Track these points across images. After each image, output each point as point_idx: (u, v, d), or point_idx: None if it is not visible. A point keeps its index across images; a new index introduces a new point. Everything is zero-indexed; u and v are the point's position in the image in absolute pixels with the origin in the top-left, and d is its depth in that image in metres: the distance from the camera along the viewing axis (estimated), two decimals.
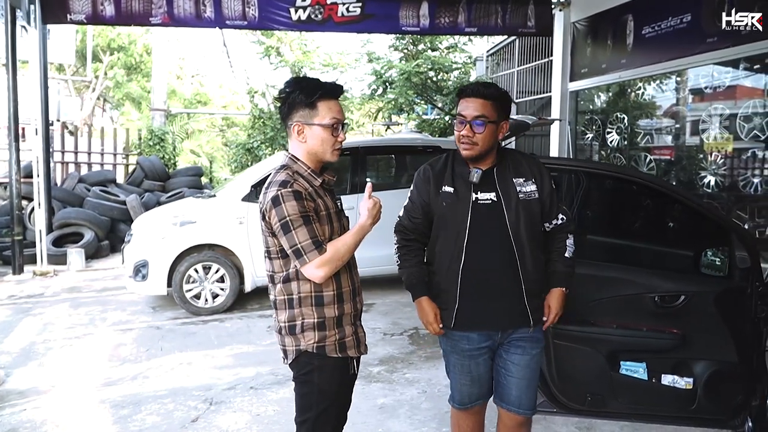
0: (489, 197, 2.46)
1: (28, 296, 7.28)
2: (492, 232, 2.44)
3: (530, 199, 2.47)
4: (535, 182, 2.49)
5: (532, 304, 2.49)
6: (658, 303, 2.85)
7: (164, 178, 12.24)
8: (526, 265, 2.45)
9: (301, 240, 2.14)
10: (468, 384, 2.61)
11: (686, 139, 7.39)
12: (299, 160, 2.29)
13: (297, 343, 2.27)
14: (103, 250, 9.78)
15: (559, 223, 2.57)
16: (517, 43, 12.44)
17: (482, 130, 2.41)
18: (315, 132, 2.25)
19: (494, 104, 2.45)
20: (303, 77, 2.38)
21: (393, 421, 3.80)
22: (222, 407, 4.06)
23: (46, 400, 4.24)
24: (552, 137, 9.84)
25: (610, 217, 3.61)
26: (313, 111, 2.24)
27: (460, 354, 2.58)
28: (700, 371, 2.89)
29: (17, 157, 8.53)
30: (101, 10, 8.20)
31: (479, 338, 2.54)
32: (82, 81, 20.00)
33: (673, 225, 3.43)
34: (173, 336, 5.65)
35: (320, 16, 8.77)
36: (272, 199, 2.17)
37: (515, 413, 2.59)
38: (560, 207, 2.58)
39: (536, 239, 2.50)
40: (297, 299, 2.25)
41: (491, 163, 2.51)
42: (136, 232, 6.54)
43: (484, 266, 2.45)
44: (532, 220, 2.47)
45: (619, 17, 8.23)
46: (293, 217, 2.14)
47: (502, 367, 2.60)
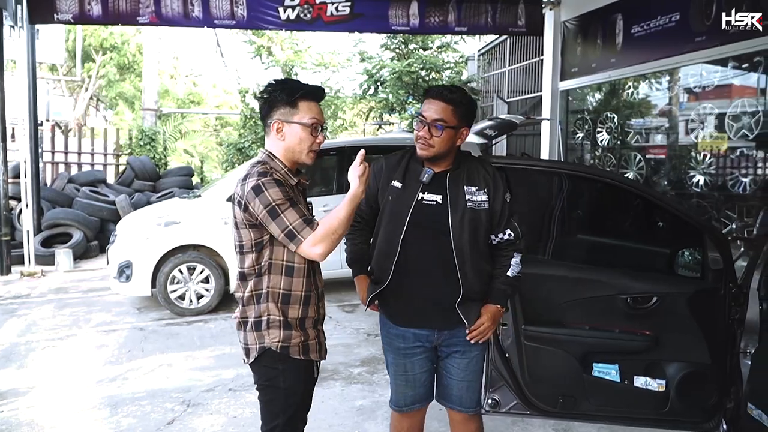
0: (435, 199, 2.46)
1: (14, 297, 7.25)
2: (431, 234, 2.44)
3: (478, 209, 2.45)
4: (487, 193, 2.47)
5: (464, 307, 2.46)
6: (631, 304, 2.83)
7: (155, 178, 12.21)
8: (465, 272, 2.43)
9: (292, 221, 2.12)
10: (403, 384, 2.62)
11: (676, 139, 7.38)
12: (276, 157, 2.27)
13: (261, 341, 2.23)
14: (92, 251, 9.74)
15: (506, 238, 2.52)
16: (508, 42, 12.42)
17: (440, 134, 2.40)
18: (294, 130, 2.24)
19: (456, 110, 2.43)
20: (286, 79, 2.40)
21: (370, 423, 3.78)
22: (199, 409, 4.03)
23: (24, 401, 4.20)
24: (543, 137, 9.83)
25: (585, 218, 3.59)
26: (294, 109, 2.24)
27: (395, 353, 2.60)
28: (672, 373, 2.87)
29: (5, 157, 8.48)
30: (88, 9, 8.15)
31: (414, 337, 2.55)
32: (74, 81, 19.94)
33: (646, 226, 3.40)
34: (156, 337, 5.62)
35: (309, 15, 8.73)
36: (253, 188, 2.14)
37: (458, 411, 2.62)
38: (511, 223, 2.53)
39: (479, 248, 2.48)
40: (264, 294, 2.23)
41: (446, 167, 2.50)
42: (121, 233, 6.50)
43: (418, 265, 2.46)
44: (477, 228, 2.45)
45: (608, 16, 8.22)
46: (279, 202, 2.12)
47: (443, 369, 2.63)
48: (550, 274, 2.93)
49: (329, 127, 16.24)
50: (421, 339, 2.55)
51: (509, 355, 2.90)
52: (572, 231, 3.61)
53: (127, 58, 20.05)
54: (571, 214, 3.55)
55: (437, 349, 2.59)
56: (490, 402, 2.98)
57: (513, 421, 3.70)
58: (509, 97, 12.34)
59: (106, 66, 20.22)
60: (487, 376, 2.96)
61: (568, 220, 3.54)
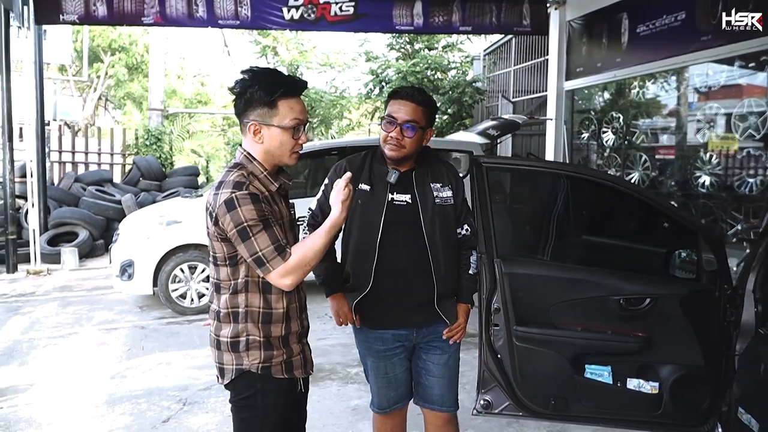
0: (405, 199, 2.48)
1: (20, 295, 7.30)
2: (406, 233, 2.47)
3: (446, 204, 2.52)
4: (451, 188, 2.54)
5: (443, 304, 2.52)
6: (624, 306, 2.80)
7: (161, 177, 12.29)
8: (439, 268, 2.48)
9: (262, 247, 1.92)
10: (385, 386, 2.63)
11: (682, 139, 7.32)
12: (255, 159, 2.06)
13: (239, 362, 2.04)
14: (98, 250, 9.80)
15: (463, 233, 2.60)
16: (513, 41, 12.38)
17: (412, 135, 2.43)
18: (273, 133, 2.02)
19: (425, 111, 2.47)
20: (262, 69, 2.09)
21: (364, 423, 3.77)
22: (195, 408, 4.04)
23: (23, 399, 4.23)
24: (548, 137, 9.77)
25: (578, 219, 3.57)
26: (273, 110, 2.01)
27: (375, 356, 2.60)
28: (666, 375, 2.83)
29: (11, 156, 8.57)
30: (93, 10, 8.19)
31: (393, 338, 2.56)
32: (82, 81, 20.07)
33: (640, 226, 3.38)
34: (156, 336, 5.64)
35: (313, 15, 8.74)
36: (226, 202, 1.93)
37: (439, 411, 2.62)
38: (468, 218, 2.62)
39: (451, 244, 2.54)
40: (243, 313, 2.03)
41: (410, 166, 2.52)
42: (123, 232, 6.54)
43: (396, 265, 2.47)
44: (447, 224, 2.52)
45: (613, 15, 8.16)
46: (251, 223, 1.92)
47: (422, 368, 2.63)
48: (542, 275, 2.90)
49: (335, 127, 16.25)
50: (401, 339, 2.57)
51: (501, 356, 2.87)
52: (568, 232, 3.59)
53: (135, 59, 20.15)
54: (567, 215, 3.53)
55: (415, 347, 2.60)
56: (483, 403, 2.95)
57: (508, 422, 3.69)
58: (514, 97, 12.29)
59: (115, 66, 20.33)
60: (479, 377, 2.95)
61: (564, 220, 3.52)
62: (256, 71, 2.05)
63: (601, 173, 5.31)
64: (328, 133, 15.82)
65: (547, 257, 3.33)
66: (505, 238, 3.69)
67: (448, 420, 2.65)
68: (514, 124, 8.35)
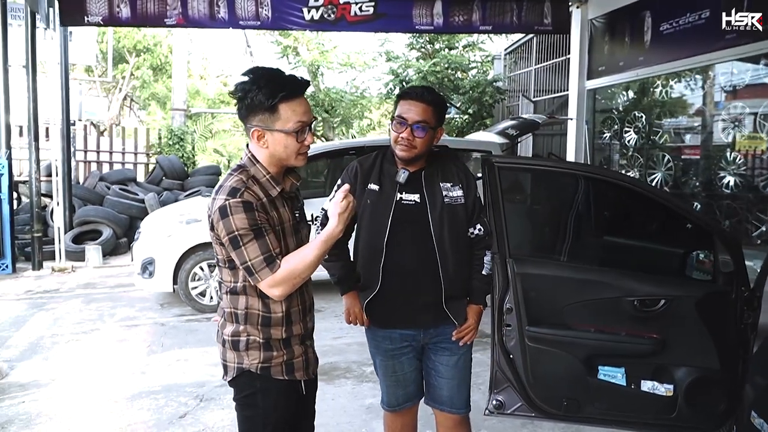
0: (413, 199, 2.47)
1: (44, 291, 7.44)
2: (414, 233, 2.46)
3: (455, 204, 2.50)
4: (461, 187, 2.52)
5: (451, 305, 2.51)
6: (638, 307, 2.77)
7: (183, 177, 12.43)
8: (447, 268, 2.46)
9: (252, 257, 1.93)
10: (394, 385, 2.63)
11: (706, 138, 7.22)
12: (258, 162, 2.04)
13: (240, 361, 2.06)
14: (121, 248, 9.95)
15: (476, 233, 2.58)
16: (534, 40, 12.29)
17: (423, 135, 2.42)
18: (277, 138, 1.99)
19: (434, 110, 2.47)
20: (262, 70, 2.04)
21: (377, 422, 3.76)
22: (211, 404, 4.09)
23: (44, 393, 4.32)
24: (569, 137, 9.70)
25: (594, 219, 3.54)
26: (275, 115, 1.97)
27: (383, 355, 2.61)
28: (681, 378, 2.80)
29: (37, 156, 8.73)
30: (117, 11, 8.32)
31: (401, 337, 2.57)
32: (107, 82, 20.39)
33: (657, 227, 3.34)
34: (176, 332, 5.72)
35: (333, 15, 8.77)
36: (220, 209, 1.93)
37: (449, 413, 2.62)
38: (481, 218, 2.60)
39: (460, 244, 2.52)
40: (243, 315, 2.04)
41: (420, 166, 2.52)
42: (144, 230, 6.63)
43: (404, 266, 2.47)
44: (457, 224, 2.50)
45: (636, 14, 8.07)
46: (242, 232, 1.92)
47: (431, 368, 2.63)
48: (554, 275, 2.88)
49: (356, 126, 16.28)
50: (408, 339, 2.57)
51: (513, 356, 2.86)
52: (584, 232, 3.56)
53: (160, 60, 20.41)
54: (583, 215, 3.50)
55: (424, 348, 2.60)
56: (495, 403, 2.95)
57: (522, 423, 3.68)
58: (535, 97, 12.21)
59: (141, 68, 20.61)
60: (491, 377, 2.95)
61: (580, 221, 3.49)
62: (256, 73, 2.01)
63: (616, 173, 5.25)
64: (349, 132, 15.88)
65: (564, 258, 3.31)
66: (525, 239, 3.69)
67: (459, 422, 2.65)
68: (533, 124, 8.30)
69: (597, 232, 3.59)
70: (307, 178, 7.28)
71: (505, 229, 2.81)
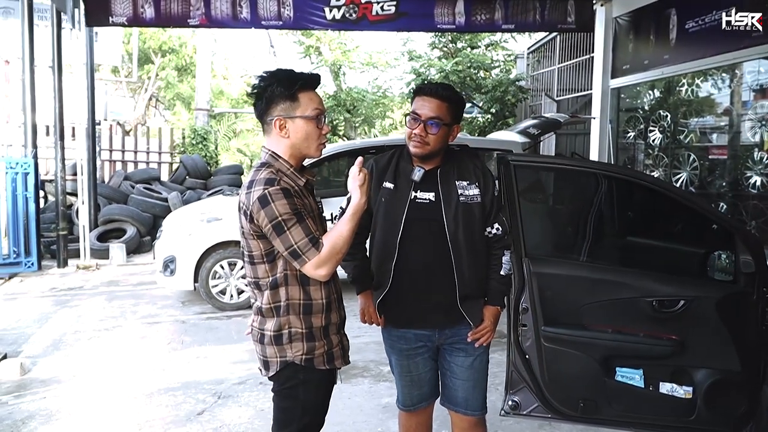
0: (428, 197, 2.45)
1: (69, 288, 7.55)
2: (428, 232, 2.43)
3: (471, 203, 2.45)
4: (478, 186, 2.48)
5: (466, 305, 2.47)
6: (656, 307, 2.72)
7: (206, 176, 12.54)
8: (461, 267, 2.43)
9: (297, 240, 2.00)
10: (409, 385, 2.62)
11: (733, 138, 7.09)
12: (280, 157, 2.13)
13: (283, 354, 2.13)
14: (145, 246, 10.05)
15: (494, 232, 2.53)
16: (558, 39, 12.18)
17: (436, 132, 2.40)
18: (298, 125, 2.10)
19: (450, 107, 2.44)
20: (277, 69, 2.18)
21: (393, 421, 3.74)
22: (229, 401, 4.11)
23: (65, 389, 4.38)
24: (592, 136, 9.58)
25: (614, 219, 3.48)
26: (295, 103, 2.09)
27: (398, 354, 2.59)
28: (700, 380, 2.74)
29: (63, 155, 8.87)
30: (141, 12, 8.42)
31: (415, 337, 2.54)
32: (133, 82, 20.66)
33: (678, 227, 3.27)
34: (196, 330, 5.76)
35: (354, 15, 8.78)
36: (259, 198, 2.00)
37: (464, 414, 2.58)
38: (499, 217, 2.55)
39: (475, 243, 2.47)
40: (285, 306, 2.11)
41: (436, 164, 2.50)
42: (166, 228, 6.69)
43: (417, 264, 2.44)
44: (472, 223, 2.46)
45: (662, 11, 7.95)
46: (285, 217, 1.99)
47: (447, 369, 2.60)
48: (571, 275, 2.84)
49: (378, 126, 16.28)
50: (423, 339, 2.55)
51: (529, 356, 2.83)
52: (605, 232, 3.50)
53: (185, 60, 20.62)
54: (603, 215, 3.45)
55: (439, 348, 2.58)
56: (511, 404, 2.92)
57: (540, 424, 3.64)
58: (558, 96, 12.09)
59: (166, 69, 20.85)
60: (507, 378, 2.92)
61: (600, 220, 3.44)
62: (271, 72, 2.14)
63: (636, 172, 5.18)
64: (371, 132, 15.87)
65: (585, 257, 3.26)
66: (546, 238, 3.64)
67: (474, 424, 2.61)
68: (555, 123, 8.21)
69: (618, 232, 3.53)
70: (328, 176, 7.29)
71: (520, 228, 2.78)
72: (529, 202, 2.78)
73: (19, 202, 8.21)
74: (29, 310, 6.51)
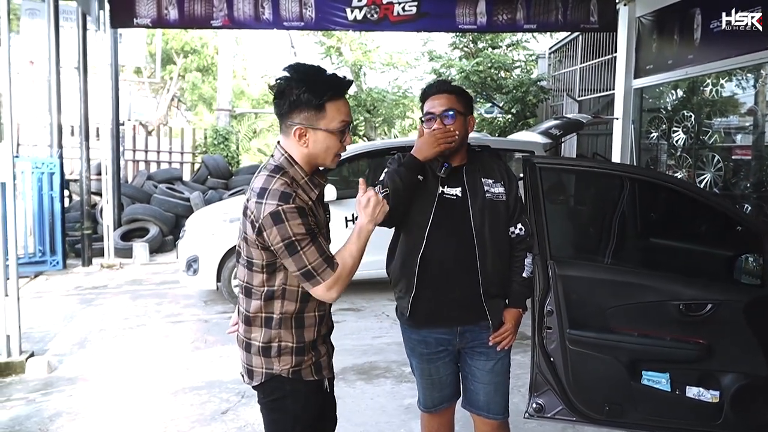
0: (455, 193, 2.45)
1: (93, 287, 7.66)
2: (454, 228, 2.43)
3: (497, 200, 2.47)
4: (503, 185, 2.49)
5: (489, 304, 2.47)
6: (683, 311, 2.70)
7: (227, 176, 12.65)
8: (486, 265, 2.43)
9: (312, 260, 1.89)
10: (430, 387, 2.61)
11: (758, 139, 7.00)
12: (296, 163, 1.99)
13: (269, 366, 2.01)
14: (167, 245, 10.17)
15: (517, 232, 2.54)
16: (580, 39, 12.10)
17: (452, 122, 2.43)
18: (320, 137, 1.96)
19: (458, 98, 2.48)
20: (304, 67, 1.99)
21: (416, 422, 3.72)
22: (252, 400, 4.14)
23: (91, 386, 4.45)
24: (614, 136, 9.51)
25: (640, 221, 3.45)
26: (320, 113, 1.93)
27: (419, 358, 2.59)
28: (727, 384, 2.72)
29: (87, 155, 9.00)
30: (165, 14, 8.51)
31: (436, 342, 2.53)
32: (156, 83, 20.88)
33: (705, 229, 3.24)
34: (219, 329, 5.81)
35: (376, 15, 8.79)
36: (272, 214, 1.86)
37: (486, 418, 2.57)
38: (522, 218, 2.56)
39: (500, 241, 2.48)
40: (278, 320, 2.00)
41: (461, 161, 2.51)
42: (189, 228, 6.76)
43: (442, 259, 2.44)
44: (498, 221, 2.47)
45: (686, 11, 7.87)
46: (299, 237, 1.87)
47: (468, 373, 2.59)
48: (597, 278, 2.83)
49: (397, 126, 16.28)
50: (444, 343, 2.54)
51: (554, 359, 2.82)
52: (629, 234, 3.48)
53: (206, 61, 20.79)
54: (628, 217, 3.42)
55: (460, 352, 2.58)
56: (535, 406, 2.91)
57: (563, 427, 3.62)
58: (580, 96, 12.01)
59: (191, 71, 21.00)
60: (531, 380, 2.91)
61: (625, 222, 3.42)
62: (300, 70, 1.96)
63: (661, 174, 5.12)
64: (391, 132, 15.89)
65: (608, 260, 3.25)
66: (566, 240, 3.63)
67: (497, 427, 2.60)
68: (577, 124, 8.16)
69: (642, 234, 3.50)
70: (348, 176, 7.31)
71: (546, 230, 2.78)
72: (551, 203, 2.77)
73: (44, 202, 8.36)
74: (55, 308, 6.61)
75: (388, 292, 6.95)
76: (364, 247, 2.00)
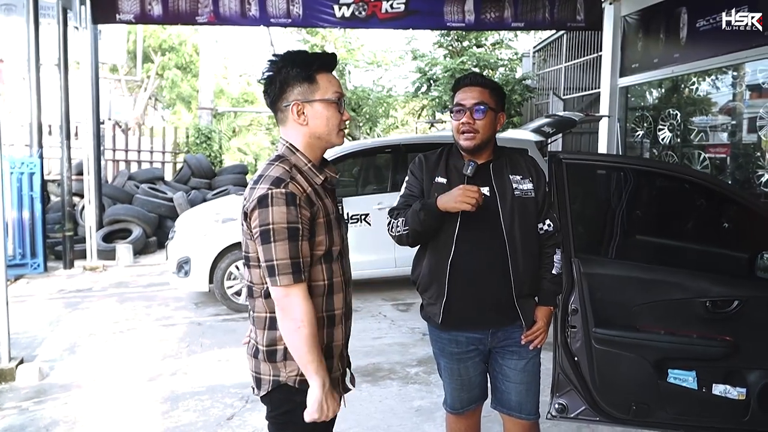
0: (483, 191, 2.34)
1: (77, 290, 7.45)
2: (484, 227, 2.36)
3: (526, 197, 2.40)
4: (531, 181, 2.43)
5: (521, 303, 2.41)
6: (710, 308, 2.68)
7: (210, 175, 12.46)
8: (517, 264, 2.36)
9: (279, 257, 1.75)
10: (458, 388, 2.55)
11: (743, 137, 7.09)
12: (298, 150, 1.91)
13: (276, 373, 1.87)
14: (151, 246, 9.96)
15: (546, 228, 2.48)
16: (564, 38, 12.17)
17: (482, 117, 2.35)
18: (318, 110, 1.87)
19: (492, 93, 2.40)
20: (290, 50, 1.95)
21: (429, 425, 3.71)
22: (257, 405, 4.02)
23: (86, 393, 4.30)
24: (600, 134, 9.58)
25: (659, 217, 3.42)
26: (313, 85, 1.86)
27: (448, 357, 2.52)
28: (754, 381, 2.71)
29: (68, 155, 8.78)
30: (149, 9, 8.34)
31: (467, 341, 2.47)
32: (134, 81, 20.52)
33: (727, 225, 3.23)
34: (213, 332, 5.68)
35: (364, 13, 8.73)
36: (260, 197, 1.77)
37: (518, 418, 2.51)
38: (550, 213, 2.50)
39: (530, 238, 2.42)
40: None
41: (487, 158, 2.44)
42: (179, 229, 6.61)
43: (473, 261, 2.37)
44: (527, 218, 2.40)
45: (672, 10, 7.94)
46: (277, 227, 1.75)
47: (499, 372, 2.53)
48: (622, 276, 2.80)
49: (381, 125, 16.22)
50: (475, 342, 2.48)
51: (578, 358, 2.78)
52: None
53: (184, 59, 20.49)
54: (651, 212, 3.40)
55: (491, 351, 2.52)
56: (557, 407, 2.87)
57: (578, 427, 3.58)
58: (565, 94, 12.08)
59: (170, 69, 20.68)
60: (553, 380, 2.87)
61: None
62: (284, 54, 1.92)
63: (688, 169, 5.13)
64: (373, 131, 15.81)
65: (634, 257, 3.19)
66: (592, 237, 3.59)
67: (528, 428, 2.54)
68: (570, 122, 8.18)
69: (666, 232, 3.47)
70: (338, 176, 7.21)
71: (570, 227, 2.74)
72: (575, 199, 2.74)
73: (24, 203, 8.11)
74: (39, 312, 6.41)
75: (384, 291, 6.92)
76: (315, 357, 1.81)
